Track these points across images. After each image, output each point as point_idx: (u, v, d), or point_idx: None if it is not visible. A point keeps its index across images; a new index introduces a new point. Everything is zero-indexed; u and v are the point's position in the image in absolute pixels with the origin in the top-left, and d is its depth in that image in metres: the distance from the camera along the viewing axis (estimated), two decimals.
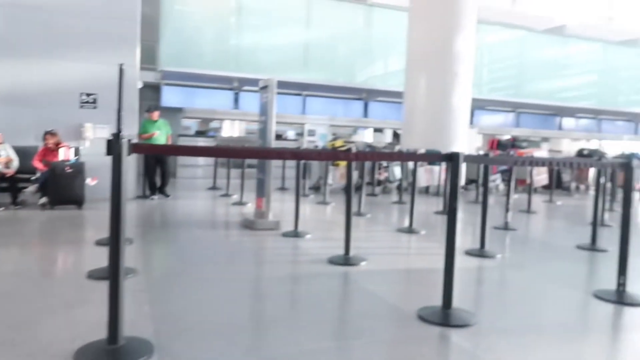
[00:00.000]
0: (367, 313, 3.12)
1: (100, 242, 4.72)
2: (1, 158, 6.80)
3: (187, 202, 8.58)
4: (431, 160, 9.36)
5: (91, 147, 7.72)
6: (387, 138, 17.98)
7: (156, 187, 8.48)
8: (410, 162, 9.19)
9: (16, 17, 7.58)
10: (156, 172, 8.49)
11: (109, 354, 2.36)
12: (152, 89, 13.29)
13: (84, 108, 7.90)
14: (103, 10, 7.93)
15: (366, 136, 19.90)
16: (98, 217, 6.32)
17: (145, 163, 8.44)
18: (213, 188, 10.55)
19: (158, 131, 8.36)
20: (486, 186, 5.26)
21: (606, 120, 19.74)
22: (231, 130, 19.61)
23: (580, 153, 13.30)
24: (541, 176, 11.27)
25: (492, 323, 2.99)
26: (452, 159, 2.98)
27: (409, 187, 7.26)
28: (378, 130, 19.01)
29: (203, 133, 16.83)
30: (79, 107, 7.89)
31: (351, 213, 4.50)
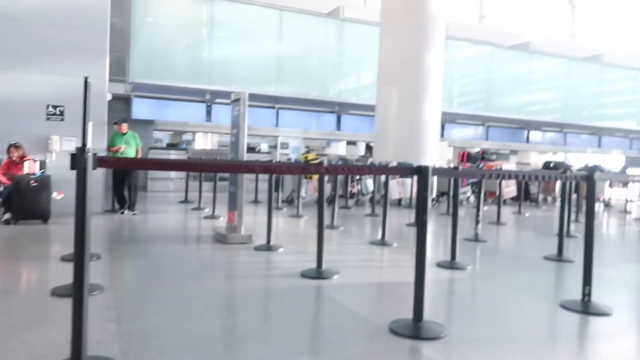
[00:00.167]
0: (339, 327, 3.11)
1: (65, 258, 4.59)
2: None
3: (158, 216, 8.43)
4: (401, 173, 9.47)
5: (58, 160, 7.53)
6: (360, 151, 18.15)
7: (125, 202, 8.27)
8: (382, 175, 9.27)
9: None
10: (124, 187, 8.28)
11: None
12: (123, 101, 13.08)
13: (51, 120, 7.72)
14: (71, 21, 7.80)
15: (339, 149, 20.03)
16: (64, 232, 6.13)
17: (113, 177, 8.26)
18: (185, 201, 10.41)
19: (125, 145, 8.17)
20: (456, 199, 5.34)
21: (571, 133, 20.39)
22: (204, 142, 19.47)
23: (546, 165, 13.66)
24: (510, 188, 11.54)
25: (463, 335, 3.02)
26: (421, 173, 3.01)
27: (382, 200, 7.31)
28: (351, 143, 19.17)
29: (175, 146, 16.63)
30: (46, 120, 7.70)
31: (323, 226, 4.50)
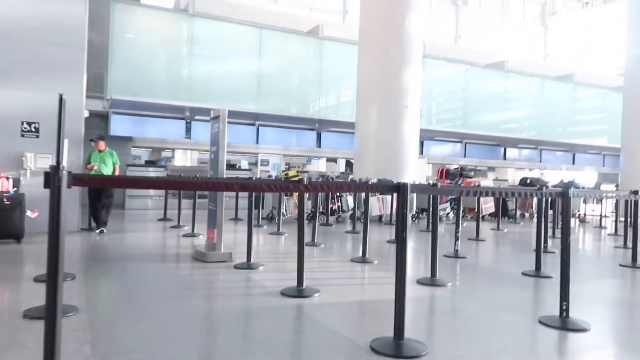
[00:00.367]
0: (320, 346, 3.08)
1: (39, 279, 4.46)
2: None
3: (136, 234, 8.29)
4: (381, 190, 9.53)
5: (32, 178, 7.37)
6: (341, 167, 18.22)
7: (97, 220, 8.03)
8: (362, 192, 9.31)
9: None
10: (98, 206, 8.03)
11: None
12: (101, 118, 12.94)
13: (26, 137, 7.57)
14: (48, 37, 7.70)
15: (320, 166, 20.09)
16: (38, 252, 5.98)
17: (88, 195, 8.08)
18: (164, 219, 10.26)
19: (101, 163, 7.98)
20: (435, 215, 5.39)
21: (546, 150, 20.87)
22: (183, 159, 19.30)
23: (523, 182, 13.91)
24: (488, 204, 11.70)
25: (444, 352, 3.01)
26: (400, 190, 3.03)
27: (362, 217, 7.33)
28: (331, 159, 19.26)
29: (153, 163, 16.44)
30: (20, 136, 7.55)
31: (304, 244, 4.48)
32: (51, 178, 2.17)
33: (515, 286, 5.08)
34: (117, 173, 8.21)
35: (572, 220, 13.15)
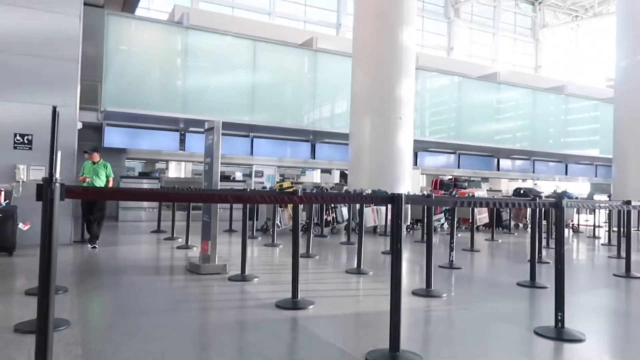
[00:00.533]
0: (315, 358, 3.05)
1: (30, 292, 4.41)
2: None
3: (129, 247, 8.23)
4: (376, 201, 9.53)
5: (25, 190, 7.32)
6: (335, 179, 18.23)
7: (90, 232, 7.84)
8: (357, 203, 9.31)
9: None
10: (91, 219, 7.83)
11: None
12: (94, 130, 12.90)
13: (18, 149, 7.53)
14: (42, 50, 7.71)
15: (314, 177, 20.09)
16: (30, 264, 5.91)
17: (81, 207, 7.94)
18: (157, 231, 10.19)
19: (94, 175, 7.78)
20: (430, 226, 5.39)
21: (539, 161, 21.00)
22: (177, 171, 19.26)
23: (517, 192, 13.97)
24: (482, 215, 11.73)
25: None
26: (395, 201, 3.04)
27: (357, 228, 7.32)
28: (326, 171, 19.27)
29: (147, 174, 16.40)
30: (13, 148, 7.50)
31: (298, 255, 4.46)
32: (44, 190, 2.16)
33: (510, 297, 5.08)
34: (111, 185, 8.11)
35: (566, 230, 13.19)
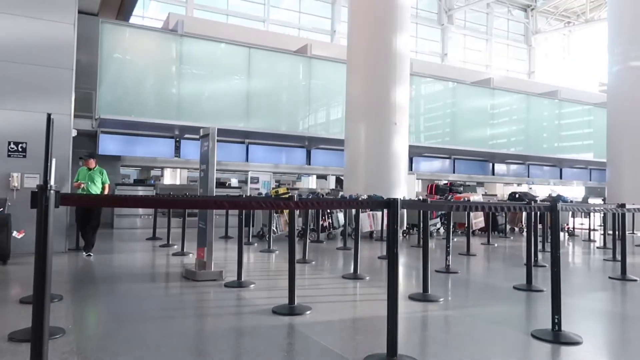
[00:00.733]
0: None
1: (25, 300, 4.38)
2: None
3: (125, 254, 8.19)
4: (372, 206, 9.54)
5: (19, 198, 7.28)
6: (331, 184, 18.23)
7: (84, 238, 7.78)
8: (353, 208, 9.31)
9: None
10: (84, 225, 7.76)
11: None
12: (89, 137, 12.87)
13: (12, 157, 7.49)
14: (36, 58, 7.69)
15: (310, 183, 20.09)
16: (24, 273, 5.88)
17: (76, 214, 7.84)
18: (153, 238, 10.15)
19: (89, 181, 7.72)
20: (426, 231, 5.39)
21: (534, 165, 21.10)
22: (173, 178, 19.19)
23: (512, 196, 14.01)
24: (478, 219, 11.75)
25: None
26: (391, 206, 3.04)
27: (353, 233, 7.32)
28: (321, 176, 19.27)
29: (142, 182, 16.34)
30: (7, 156, 7.47)
31: (295, 261, 4.45)
32: (38, 198, 2.15)
33: (507, 300, 5.08)
34: (107, 192, 8.08)
35: (561, 234, 13.23)
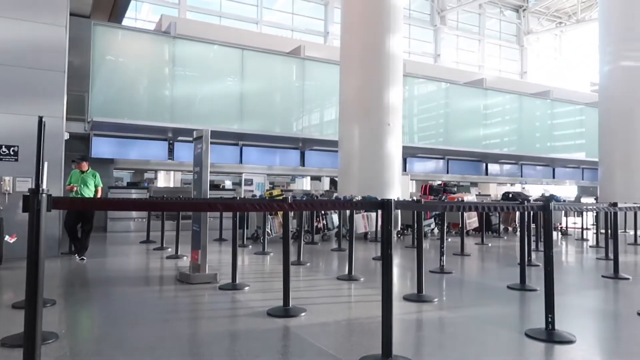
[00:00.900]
0: None
1: (17, 305, 4.34)
2: None
3: (118, 258, 8.14)
4: (366, 207, 9.55)
5: (11, 202, 7.22)
6: (325, 186, 18.24)
7: (75, 239, 7.62)
8: (347, 209, 9.31)
9: None
10: (76, 229, 7.64)
11: None
12: (82, 140, 12.80)
13: (4, 160, 7.43)
14: (27, 60, 7.64)
15: (304, 184, 20.08)
16: (17, 277, 5.83)
17: (66, 218, 7.63)
18: (146, 241, 10.10)
19: (82, 185, 7.64)
20: (420, 231, 5.40)
21: (527, 165, 21.21)
22: (166, 181, 19.13)
23: (505, 196, 14.07)
24: (472, 219, 11.79)
25: None
26: (384, 207, 3.05)
27: (348, 234, 7.32)
28: (316, 178, 19.27)
29: (136, 184, 16.26)
30: None
31: (289, 263, 4.45)
32: (30, 201, 2.13)
33: (501, 300, 5.10)
34: (100, 195, 8.01)
35: (554, 233, 13.31)
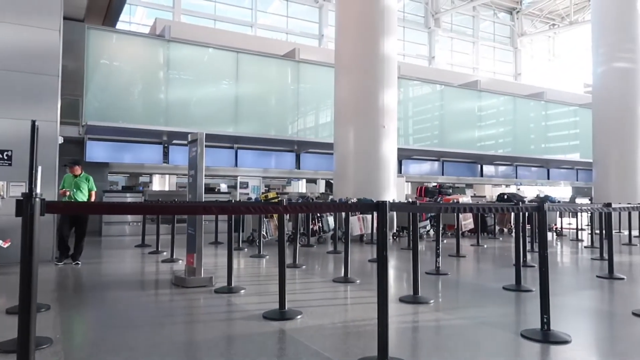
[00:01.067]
0: None
1: (11, 311, 4.31)
2: None
3: (113, 262, 8.10)
4: (361, 209, 9.54)
5: (4, 207, 7.18)
6: (321, 188, 18.25)
7: (67, 250, 7.52)
8: (343, 212, 9.31)
9: None
10: (70, 234, 7.57)
11: None
12: (76, 144, 12.75)
13: None
14: (21, 64, 7.61)
15: (300, 187, 20.08)
16: (10, 282, 5.79)
17: (60, 222, 7.56)
18: (142, 245, 10.06)
19: (75, 189, 7.57)
20: (415, 233, 5.41)
21: (521, 166, 21.29)
22: (161, 184, 19.09)
23: (500, 198, 14.12)
24: (467, 221, 11.82)
25: None
26: (379, 209, 3.05)
27: (343, 237, 7.32)
28: (311, 181, 19.28)
29: (131, 188, 16.22)
30: None
31: (285, 265, 4.45)
32: (24, 206, 2.12)
33: (496, 301, 5.11)
34: (93, 199, 7.97)
35: (549, 234, 13.35)
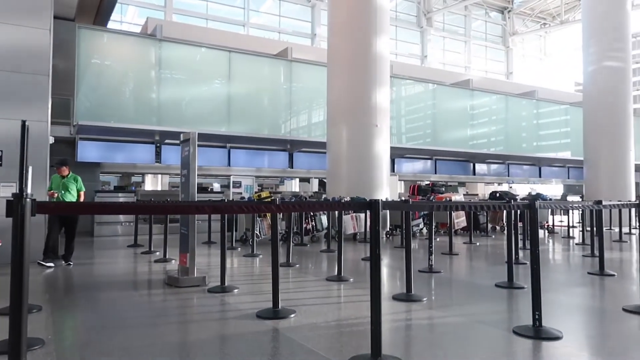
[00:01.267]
0: None
1: (2, 312, 4.27)
2: None
3: (105, 262, 8.06)
4: (354, 208, 9.55)
5: None
6: (314, 187, 18.25)
7: (56, 252, 7.38)
8: (336, 210, 9.32)
9: None
10: (59, 234, 7.44)
11: None
12: (67, 144, 12.66)
13: None
14: (11, 64, 7.55)
15: (293, 186, 20.07)
16: (1, 283, 5.73)
17: (50, 223, 7.43)
18: (134, 245, 10.02)
19: (63, 190, 7.46)
20: (408, 231, 5.43)
21: (513, 165, 21.42)
22: (154, 184, 19.00)
23: (493, 196, 14.20)
24: (460, 219, 11.88)
25: None
26: (372, 207, 3.06)
27: (337, 235, 7.33)
28: (304, 180, 19.27)
29: (123, 188, 16.13)
30: None
31: (278, 265, 4.45)
32: (14, 206, 2.10)
33: (489, 298, 5.14)
34: (82, 200, 7.87)
35: (541, 231, 13.45)
